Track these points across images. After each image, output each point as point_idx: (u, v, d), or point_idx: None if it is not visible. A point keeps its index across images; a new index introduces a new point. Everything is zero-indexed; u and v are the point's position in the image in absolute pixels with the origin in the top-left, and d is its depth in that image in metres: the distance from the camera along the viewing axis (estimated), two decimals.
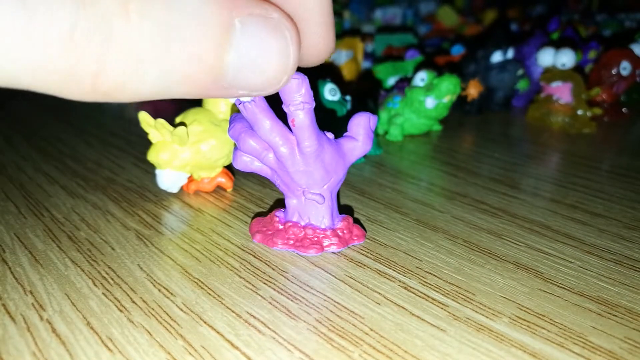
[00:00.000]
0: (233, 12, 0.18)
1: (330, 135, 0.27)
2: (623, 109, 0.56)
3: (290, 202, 0.28)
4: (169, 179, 0.34)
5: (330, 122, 0.41)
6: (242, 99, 0.23)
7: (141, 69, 0.16)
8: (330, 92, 0.42)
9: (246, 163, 0.28)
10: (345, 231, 0.29)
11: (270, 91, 0.20)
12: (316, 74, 0.49)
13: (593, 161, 0.43)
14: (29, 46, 0.14)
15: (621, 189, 0.37)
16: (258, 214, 0.33)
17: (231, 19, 0.17)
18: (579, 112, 0.51)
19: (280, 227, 0.29)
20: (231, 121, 0.27)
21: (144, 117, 0.32)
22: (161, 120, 0.32)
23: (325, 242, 0.28)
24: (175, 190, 0.35)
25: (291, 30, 0.19)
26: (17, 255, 0.27)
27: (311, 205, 0.28)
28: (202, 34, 0.17)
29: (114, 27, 0.15)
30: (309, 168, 0.26)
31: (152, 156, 0.34)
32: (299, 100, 0.24)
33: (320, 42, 0.21)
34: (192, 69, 0.17)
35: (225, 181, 0.36)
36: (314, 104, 0.24)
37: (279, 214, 0.29)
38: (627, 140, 0.51)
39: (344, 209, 0.33)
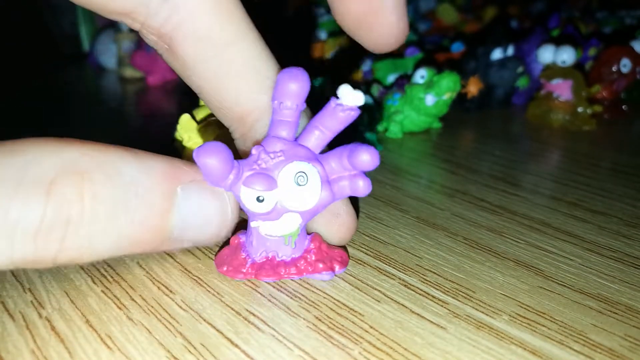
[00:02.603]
0: (175, 181, 0.20)
1: None
2: (623, 107, 0.56)
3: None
4: None
5: None
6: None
7: (94, 243, 0.18)
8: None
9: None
10: None
11: (214, 243, 0.23)
12: (314, 70, 0.49)
13: (593, 159, 0.43)
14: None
15: (622, 186, 0.37)
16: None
17: (173, 187, 0.20)
18: (579, 109, 0.51)
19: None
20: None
21: (187, 120, 0.32)
22: (214, 119, 0.31)
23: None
24: None
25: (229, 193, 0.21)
26: None
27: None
28: (145, 203, 0.19)
29: (72, 212, 0.17)
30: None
31: None
32: None
33: (394, 26, 0.21)
34: (140, 234, 0.19)
35: None
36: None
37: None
38: (627, 138, 0.51)
39: None
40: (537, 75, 0.57)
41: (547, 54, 0.52)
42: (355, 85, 0.24)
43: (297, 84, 0.22)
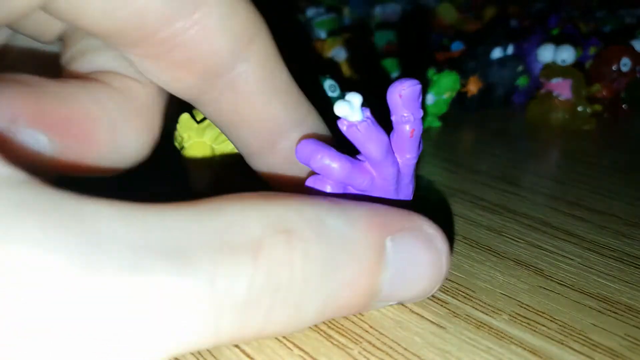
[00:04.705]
0: (384, 232, 0.17)
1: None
2: (623, 106, 0.56)
3: None
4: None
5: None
6: (351, 118, 0.21)
7: (302, 310, 0.15)
8: (330, 89, 0.42)
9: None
10: None
11: (420, 299, 0.20)
12: (316, 71, 0.49)
13: (593, 158, 0.43)
14: (198, 320, 0.13)
15: (621, 185, 0.37)
16: None
17: (382, 239, 0.17)
18: (579, 108, 0.51)
19: None
20: (313, 148, 0.22)
21: (186, 120, 0.31)
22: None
23: None
24: None
25: (442, 242, 0.19)
26: None
27: None
28: (354, 260, 0.16)
29: (283, 277, 0.14)
30: (407, 180, 0.25)
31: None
32: (417, 109, 0.22)
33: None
34: (348, 295, 0.16)
35: None
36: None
37: None
38: (627, 137, 0.51)
39: None
40: (537, 75, 0.57)
41: (546, 53, 0.52)
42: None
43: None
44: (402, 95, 0.22)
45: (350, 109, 0.21)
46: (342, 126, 0.22)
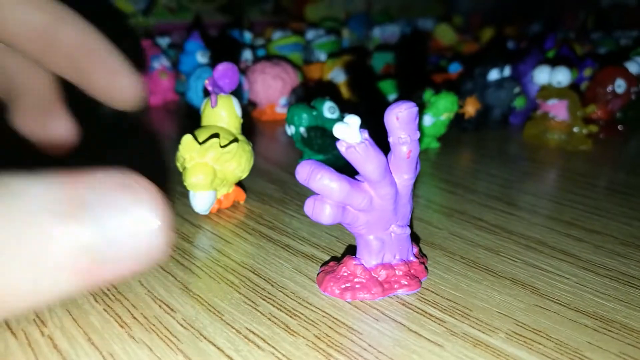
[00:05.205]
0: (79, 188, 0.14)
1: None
2: (619, 126, 0.57)
3: (375, 242, 0.25)
4: (209, 200, 0.34)
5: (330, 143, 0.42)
6: (349, 140, 0.22)
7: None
8: (330, 110, 0.42)
9: (337, 214, 0.23)
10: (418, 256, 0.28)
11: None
12: (315, 93, 0.50)
13: (589, 178, 0.43)
14: None
15: (617, 205, 0.37)
16: (320, 271, 0.27)
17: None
18: (575, 129, 0.51)
19: (374, 275, 0.25)
20: (313, 168, 0.23)
21: (188, 141, 0.32)
22: (215, 141, 0.32)
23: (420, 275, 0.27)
24: (207, 212, 0.35)
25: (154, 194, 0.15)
26: None
27: (399, 239, 0.26)
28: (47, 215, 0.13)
29: None
30: (405, 200, 0.26)
31: (195, 179, 0.32)
32: (414, 131, 0.24)
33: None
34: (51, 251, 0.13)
35: (239, 193, 0.37)
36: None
37: (357, 262, 0.26)
38: (623, 157, 0.51)
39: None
40: (533, 96, 0.58)
41: (542, 75, 0.52)
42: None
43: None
44: (399, 118, 0.23)
45: (348, 131, 0.22)
46: (341, 147, 0.23)
